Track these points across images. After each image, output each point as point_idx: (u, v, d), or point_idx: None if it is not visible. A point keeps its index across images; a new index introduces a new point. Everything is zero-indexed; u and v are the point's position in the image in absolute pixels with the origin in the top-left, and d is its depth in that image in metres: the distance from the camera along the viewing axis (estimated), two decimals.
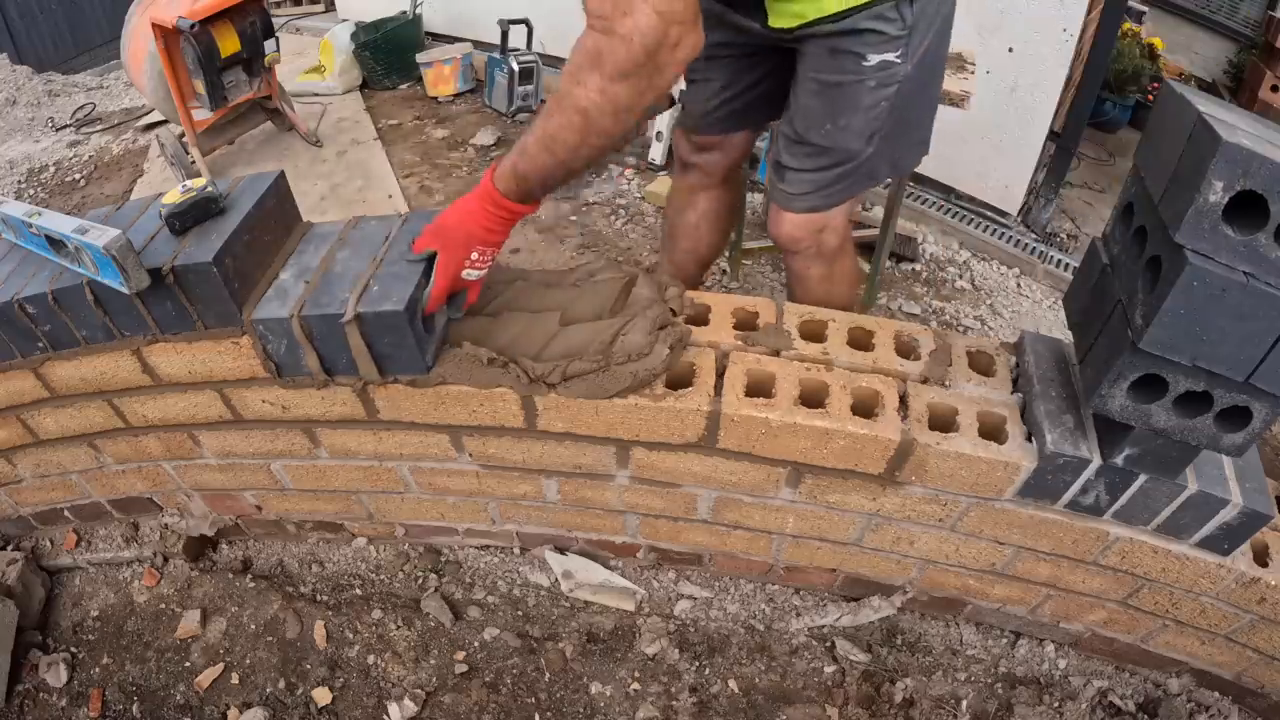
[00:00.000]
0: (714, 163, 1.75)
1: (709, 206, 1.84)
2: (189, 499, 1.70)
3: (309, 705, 1.51)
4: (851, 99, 1.38)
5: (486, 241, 1.17)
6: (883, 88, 1.37)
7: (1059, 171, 3.03)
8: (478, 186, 1.15)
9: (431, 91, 4.09)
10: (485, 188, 1.14)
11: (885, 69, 1.35)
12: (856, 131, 1.41)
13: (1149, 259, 0.98)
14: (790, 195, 1.52)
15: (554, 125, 1.06)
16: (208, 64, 3.02)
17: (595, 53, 1.00)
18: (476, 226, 1.15)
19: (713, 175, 1.78)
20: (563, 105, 1.04)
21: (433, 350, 1.25)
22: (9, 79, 5.05)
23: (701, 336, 1.33)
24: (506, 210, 1.14)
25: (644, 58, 0.98)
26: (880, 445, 1.22)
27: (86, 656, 1.63)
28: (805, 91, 1.43)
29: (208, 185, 1.23)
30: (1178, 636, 1.43)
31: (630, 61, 0.98)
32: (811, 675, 1.54)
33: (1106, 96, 3.90)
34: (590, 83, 1.01)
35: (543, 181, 1.12)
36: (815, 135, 1.44)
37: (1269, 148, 0.85)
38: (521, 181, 1.12)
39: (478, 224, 1.15)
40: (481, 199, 1.14)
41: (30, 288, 1.25)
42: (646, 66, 0.99)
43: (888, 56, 1.34)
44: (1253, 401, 0.97)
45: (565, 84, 1.04)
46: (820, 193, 1.50)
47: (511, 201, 1.13)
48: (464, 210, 1.16)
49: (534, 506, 1.57)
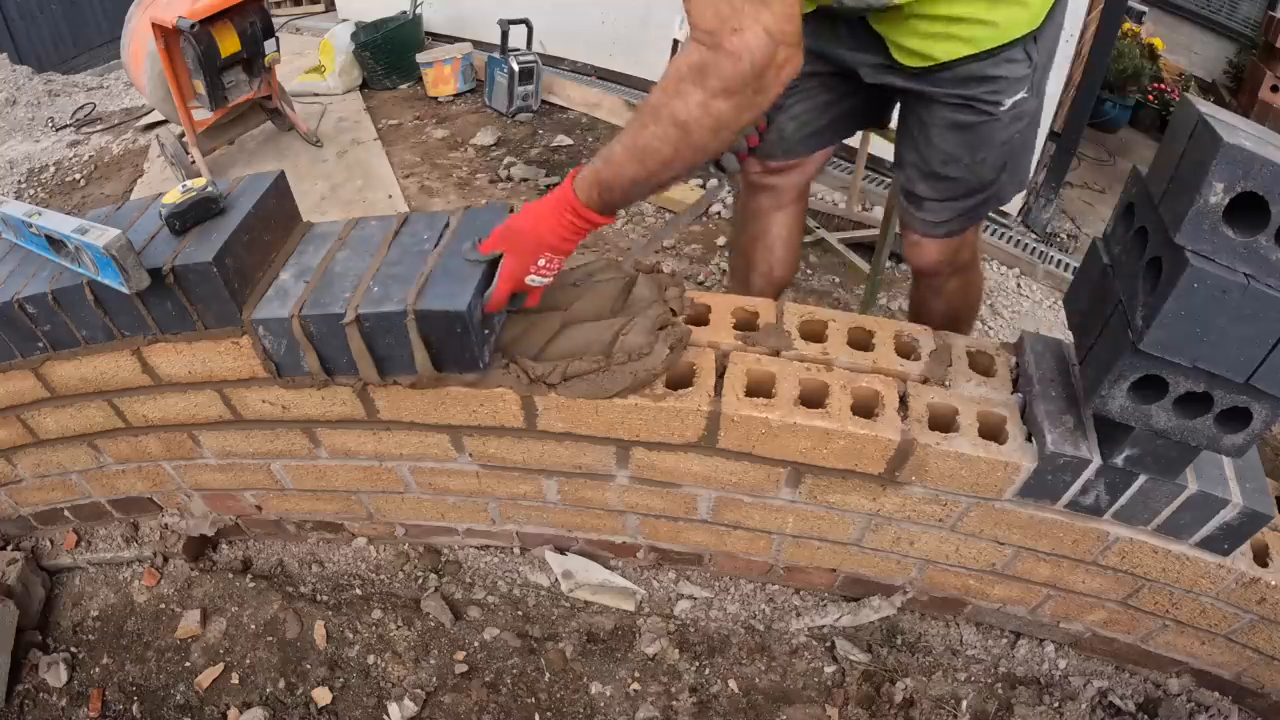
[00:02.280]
0: (789, 184, 1.72)
1: (784, 228, 1.77)
2: (189, 499, 1.70)
3: (309, 705, 1.51)
4: (987, 136, 1.39)
5: (557, 249, 1.14)
6: (1016, 121, 1.39)
7: (1059, 171, 3.03)
8: (555, 191, 1.12)
9: (432, 91, 4.10)
10: (565, 194, 1.10)
11: (1018, 107, 1.37)
12: (992, 165, 1.43)
13: (1150, 260, 0.98)
14: (931, 224, 1.54)
15: (648, 136, 1.03)
16: (208, 64, 3.02)
17: (700, 67, 0.98)
18: (550, 234, 1.12)
19: (786, 194, 1.73)
20: (659, 117, 1.02)
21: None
22: (9, 79, 5.06)
23: (701, 336, 1.33)
24: (585, 220, 1.11)
25: (751, 76, 0.96)
26: (880, 445, 1.22)
27: (86, 656, 1.63)
28: (937, 129, 1.42)
29: (208, 185, 1.23)
30: (1178, 637, 1.43)
31: (737, 79, 0.97)
32: (811, 675, 1.54)
33: (1106, 96, 3.90)
34: (692, 97, 0.99)
35: (626, 193, 1.09)
36: (953, 170, 1.45)
37: (1270, 149, 0.85)
38: (605, 191, 1.08)
39: (552, 231, 1.12)
40: (559, 205, 1.11)
41: (30, 288, 1.25)
42: (752, 85, 0.97)
43: (1019, 96, 1.35)
44: (1253, 403, 0.97)
45: (662, 96, 1.02)
46: (959, 219, 1.53)
47: (592, 211, 1.10)
48: (538, 215, 1.13)
49: (534, 506, 1.57)
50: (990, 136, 1.39)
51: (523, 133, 3.76)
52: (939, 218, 1.53)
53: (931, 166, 1.47)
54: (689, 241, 2.92)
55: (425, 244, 1.27)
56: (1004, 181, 1.48)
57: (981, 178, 1.45)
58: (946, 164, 1.45)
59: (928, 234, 1.56)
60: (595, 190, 1.08)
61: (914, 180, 1.52)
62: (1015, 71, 1.32)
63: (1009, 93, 1.34)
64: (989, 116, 1.36)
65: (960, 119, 1.39)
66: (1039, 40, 1.32)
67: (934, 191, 1.50)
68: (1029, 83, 1.35)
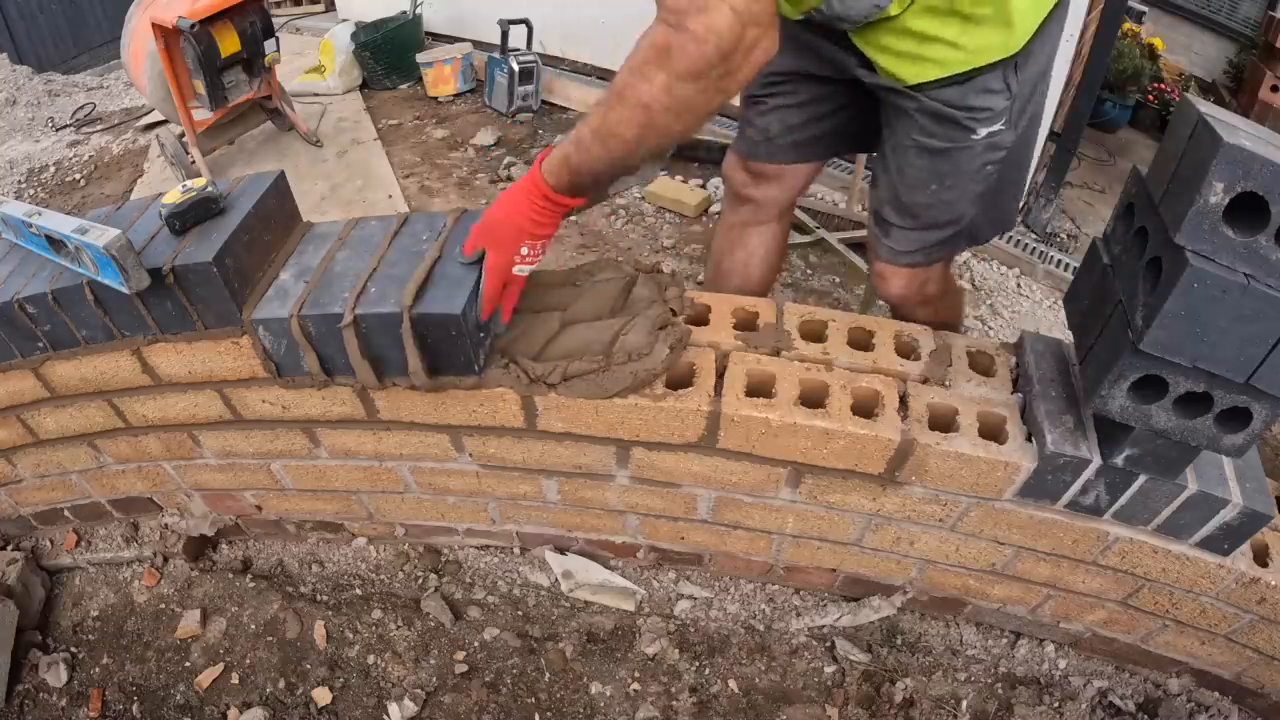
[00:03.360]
0: (771, 197, 1.64)
1: (760, 245, 1.70)
2: (189, 499, 1.70)
3: (309, 705, 1.51)
4: (957, 165, 1.33)
5: (535, 235, 1.13)
6: (990, 152, 1.32)
7: (1059, 171, 3.03)
8: (524, 177, 1.11)
9: (432, 91, 4.09)
10: (533, 178, 1.09)
11: (993, 138, 1.30)
12: (962, 196, 1.37)
13: (1150, 260, 0.98)
14: (896, 251, 1.48)
15: (613, 119, 1.00)
16: (208, 64, 3.02)
17: (664, 48, 0.94)
18: (524, 219, 1.11)
19: (767, 210, 1.66)
20: (624, 99, 0.99)
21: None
22: (9, 79, 5.06)
23: (701, 336, 1.33)
24: (554, 203, 1.09)
25: (717, 59, 0.92)
26: (880, 445, 1.22)
27: (86, 656, 1.63)
28: (909, 152, 1.36)
29: (208, 185, 1.23)
30: (1178, 636, 1.43)
31: (702, 61, 0.93)
32: (811, 675, 1.54)
33: (1106, 96, 3.90)
34: (656, 79, 0.95)
35: (594, 175, 1.07)
36: (920, 196, 1.38)
37: (1270, 149, 0.85)
38: (573, 174, 1.06)
39: (525, 216, 1.11)
40: (529, 191, 1.09)
41: (30, 288, 1.25)
42: (718, 68, 0.93)
43: (995, 128, 1.28)
44: (1253, 403, 0.97)
45: (627, 77, 0.98)
46: (924, 251, 1.46)
47: (561, 194, 1.09)
48: (512, 204, 1.12)
49: (534, 506, 1.57)
50: (961, 165, 1.33)
51: (523, 133, 3.76)
52: (904, 247, 1.46)
53: (900, 191, 1.41)
54: (689, 241, 2.92)
55: (424, 245, 1.27)
56: (976, 218, 1.41)
57: (951, 210, 1.38)
58: (913, 189, 1.38)
59: (892, 262, 1.49)
60: (564, 173, 1.07)
61: (883, 204, 1.45)
62: (992, 103, 1.25)
63: (984, 124, 1.27)
64: (962, 145, 1.30)
65: (930, 143, 1.32)
66: (1020, 70, 1.24)
67: (901, 219, 1.43)
68: (1007, 115, 1.28)
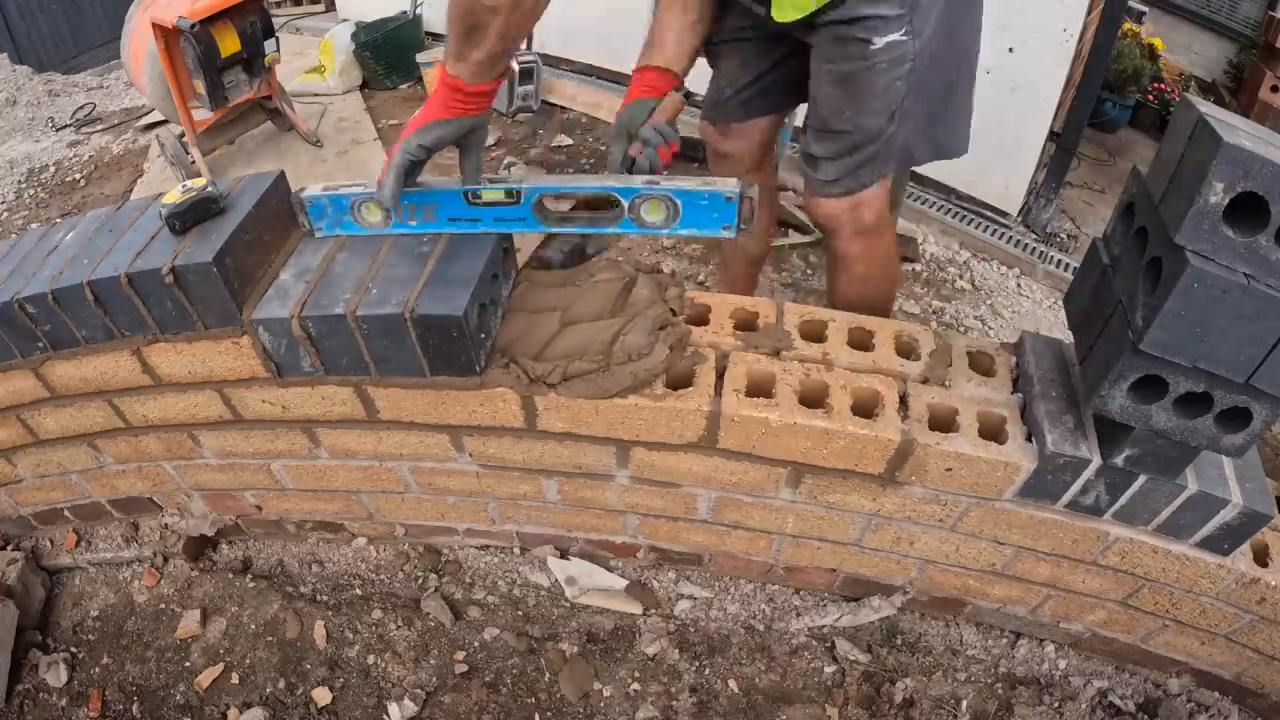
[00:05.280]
0: (740, 149, 1.78)
1: None
2: (189, 499, 1.70)
3: (309, 705, 1.51)
4: (865, 84, 1.41)
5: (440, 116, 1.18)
6: (895, 66, 1.38)
7: (1059, 171, 3.03)
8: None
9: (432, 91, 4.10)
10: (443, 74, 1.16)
11: (893, 49, 1.37)
12: (875, 112, 1.43)
13: (1150, 260, 0.98)
14: (825, 183, 1.55)
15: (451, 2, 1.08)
16: (208, 64, 3.02)
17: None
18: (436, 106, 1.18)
19: (742, 163, 1.79)
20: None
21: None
22: (9, 79, 5.06)
23: (701, 336, 1.33)
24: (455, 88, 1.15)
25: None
26: (880, 445, 1.22)
27: (86, 656, 1.63)
28: (821, 81, 1.46)
29: (208, 185, 1.23)
30: (1178, 637, 1.43)
31: None
32: (811, 675, 1.54)
33: (1106, 96, 3.90)
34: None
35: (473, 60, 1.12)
36: (837, 122, 1.46)
37: (1270, 149, 0.85)
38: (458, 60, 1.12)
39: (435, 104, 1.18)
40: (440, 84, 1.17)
41: (30, 288, 1.25)
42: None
43: (893, 37, 1.35)
44: (1253, 403, 0.97)
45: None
46: (850, 176, 1.52)
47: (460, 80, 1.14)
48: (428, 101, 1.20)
49: (534, 506, 1.57)
50: (868, 83, 1.40)
51: (523, 133, 3.76)
52: (830, 176, 1.53)
53: (819, 119, 1.49)
54: (689, 241, 2.92)
55: (424, 246, 1.27)
56: (897, 134, 1.46)
57: (866, 131, 1.45)
58: (830, 116, 1.47)
59: (823, 194, 1.56)
60: (452, 61, 1.14)
61: (810, 141, 1.54)
62: (883, 11, 1.33)
63: (879, 33, 1.34)
64: (862, 61, 1.38)
65: (837, 68, 1.41)
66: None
67: (825, 150, 1.51)
68: (905, 24, 1.35)
